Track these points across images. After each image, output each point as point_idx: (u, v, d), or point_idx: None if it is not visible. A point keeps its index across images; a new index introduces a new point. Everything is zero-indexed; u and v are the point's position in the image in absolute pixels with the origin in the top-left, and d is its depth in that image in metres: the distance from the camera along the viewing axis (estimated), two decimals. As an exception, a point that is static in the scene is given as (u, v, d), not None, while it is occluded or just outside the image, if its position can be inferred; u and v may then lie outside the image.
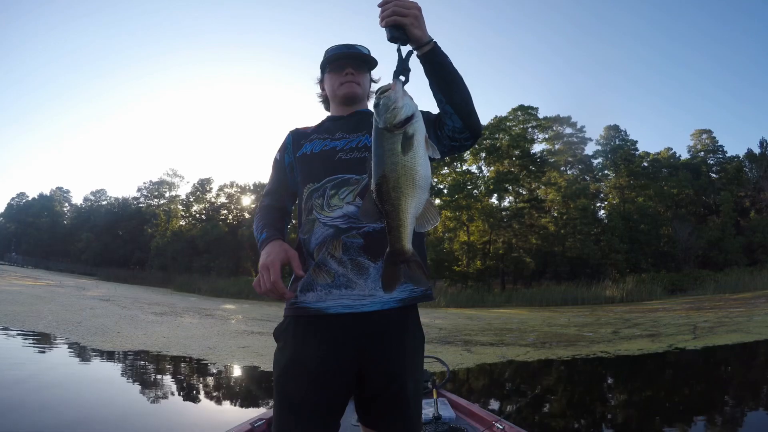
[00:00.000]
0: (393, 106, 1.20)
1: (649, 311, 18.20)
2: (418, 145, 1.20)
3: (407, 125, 1.19)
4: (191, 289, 36.42)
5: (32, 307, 13.73)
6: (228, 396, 6.18)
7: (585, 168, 43.07)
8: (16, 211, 76.51)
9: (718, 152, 44.71)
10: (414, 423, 1.61)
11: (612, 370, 8.11)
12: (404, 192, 1.17)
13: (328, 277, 1.55)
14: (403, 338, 1.60)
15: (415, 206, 1.18)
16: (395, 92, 1.22)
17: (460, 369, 7.74)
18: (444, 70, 1.54)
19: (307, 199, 1.65)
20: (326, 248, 1.57)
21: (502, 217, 38.13)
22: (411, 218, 1.18)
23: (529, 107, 41.64)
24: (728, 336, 10.06)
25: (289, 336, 1.61)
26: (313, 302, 1.57)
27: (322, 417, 1.51)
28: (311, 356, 1.53)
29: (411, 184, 1.17)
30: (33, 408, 4.86)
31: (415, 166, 1.18)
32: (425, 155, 1.21)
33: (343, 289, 1.53)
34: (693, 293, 26.48)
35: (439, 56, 1.52)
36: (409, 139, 1.18)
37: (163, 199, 57.81)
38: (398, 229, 1.18)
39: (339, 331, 1.54)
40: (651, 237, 36.37)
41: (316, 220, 1.60)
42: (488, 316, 19.46)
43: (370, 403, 1.59)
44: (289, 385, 1.54)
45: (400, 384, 1.56)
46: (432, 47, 1.50)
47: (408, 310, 1.63)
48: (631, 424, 5.19)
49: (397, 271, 1.24)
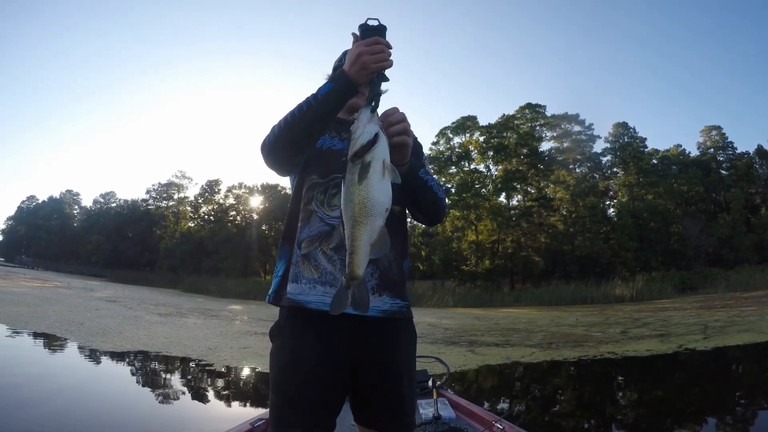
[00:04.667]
0: (352, 137, 1.27)
1: (659, 310, 17.98)
2: (374, 173, 1.24)
3: (365, 154, 1.25)
4: (199, 290, 36.50)
5: (37, 308, 13.74)
6: (227, 396, 6.14)
7: (594, 166, 42.71)
8: (27, 214, 77.19)
9: (727, 149, 44.19)
10: (410, 419, 1.64)
11: (619, 371, 7.92)
12: (357, 220, 1.23)
13: (316, 272, 1.55)
14: (397, 335, 1.61)
15: (369, 234, 1.23)
16: (357, 122, 1.29)
17: (462, 371, 7.62)
18: (416, 188, 1.62)
19: (308, 190, 1.64)
20: (319, 243, 1.57)
21: (511, 216, 38.03)
22: (364, 245, 1.23)
23: (537, 105, 41.58)
24: (740, 336, 9.85)
25: (284, 335, 1.60)
26: (295, 294, 1.56)
27: (318, 414, 1.50)
28: (306, 355, 1.52)
29: (364, 213, 1.23)
30: (27, 408, 4.80)
31: (369, 194, 1.23)
32: (382, 181, 1.25)
33: (327, 286, 1.53)
34: (703, 292, 26.17)
35: (412, 176, 1.58)
36: (366, 167, 1.24)
37: (171, 200, 58.17)
38: (351, 255, 1.24)
39: (329, 332, 1.53)
40: (661, 235, 36.05)
41: (314, 213, 1.60)
42: (496, 316, 19.32)
43: (365, 401, 1.59)
44: (285, 383, 1.53)
45: (395, 381, 1.57)
46: (408, 164, 1.53)
47: (390, 320, 1.61)
48: (635, 427, 5.04)
49: (347, 294, 1.27)
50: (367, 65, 1.35)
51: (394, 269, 1.62)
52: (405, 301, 1.64)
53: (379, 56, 1.36)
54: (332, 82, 1.44)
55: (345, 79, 1.40)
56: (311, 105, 1.45)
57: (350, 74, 1.39)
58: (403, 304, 1.64)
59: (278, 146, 1.53)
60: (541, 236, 37.17)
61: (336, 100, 1.43)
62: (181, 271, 46.67)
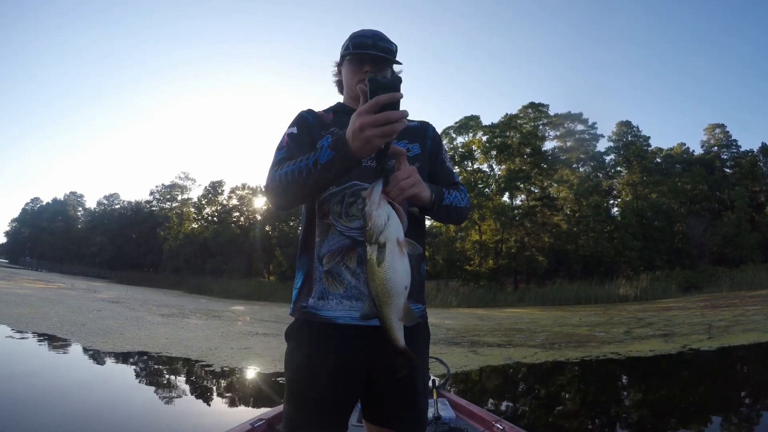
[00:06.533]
0: (368, 224, 1.28)
1: (663, 310, 17.88)
2: (390, 253, 1.27)
3: (380, 237, 1.27)
4: (203, 291, 36.57)
5: (39, 309, 13.75)
6: (227, 396, 6.09)
7: (597, 165, 42.54)
8: (31, 216, 77.61)
9: (731, 147, 43.96)
10: (423, 417, 1.66)
11: (621, 372, 7.83)
12: (382, 300, 1.27)
13: (341, 287, 1.55)
14: (414, 336, 1.56)
15: (395, 312, 1.28)
16: (370, 203, 1.29)
17: (463, 371, 7.56)
18: (440, 215, 1.63)
19: (324, 202, 1.59)
20: (341, 258, 1.55)
21: (514, 216, 37.97)
22: (394, 322, 1.29)
23: (540, 104, 41.48)
24: (744, 335, 9.77)
25: (302, 337, 1.60)
26: (323, 310, 1.56)
27: (335, 414, 1.53)
28: (324, 356, 1.53)
29: (386, 294, 1.27)
30: (26, 408, 4.77)
31: (387, 276, 1.26)
32: (399, 260, 1.28)
33: (353, 300, 1.53)
34: (708, 291, 26.01)
35: (437, 209, 1.58)
36: (382, 249, 1.27)
37: (175, 202, 58.44)
38: (386, 332, 1.30)
39: (350, 338, 1.54)
40: (665, 234, 35.90)
41: (332, 227, 1.57)
42: (499, 316, 19.27)
43: (380, 399, 1.60)
44: (302, 384, 1.54)
45: (411, 379, 1.58)
46: (432, 202, 1.54)
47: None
48: (638, 427, 4.98)
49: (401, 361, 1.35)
50: (372, 140, 1.23)
51: (415, 274, 1.55)
52: (423, 304, 1.67)
53: (384, 130, 1.21)
54: (333, 149, 1.31)
55: (346, 151, 1.28)
56: (311, 173, 1.36)
57: (352, 148, 1.26)
58: (422, 307, 1.66)
59: (280, 201, 1.52)
60: (544, 236, 37.05)
61: (337, 172, 1.35)
62: (184, 272, 46.85)
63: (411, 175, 1.39)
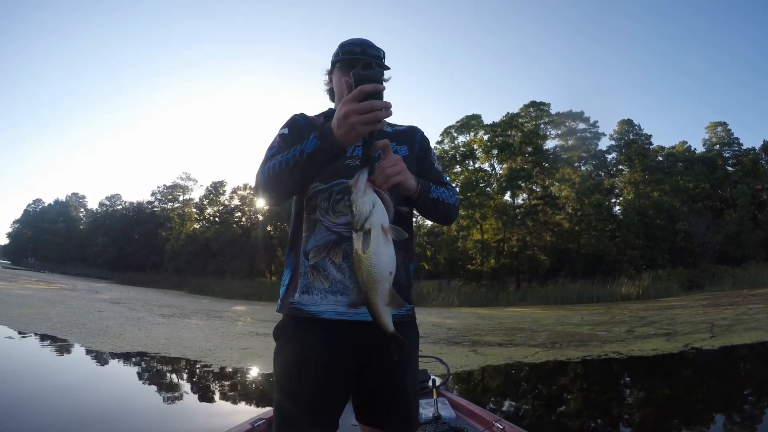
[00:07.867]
0: (354, 210, 1.30)
1: (666, 308, 17.81)
2: (374, 239, 1.29)
3: (365, 223, 1.29)
4: (205, 292, 36.61)
5: (40, 309, 13.76)
6: (227, 396, 6.08)
7: (599, 164, 42.43)
8: (33, 217, 77.73)
9: (733, 145, 43.87)
10: (413, 416, 1.66)
11: (623, 371, 7.79)
12: (369, 287, 1.29)
13: (326, 282, 1.56)
14: (403, 334, 1.54)
15: (381, 298, 1.30)
16: (356, 191, 1.31)
17: (464, 371, 7.52)
18: (427, 207, 1.64)
19: (311, 198, 1.62)
20: (327, 253, 1.57)
21: (516, 215, 37.86)
22: (381, 308, 1.31)
23: (541, 103, 41.34)
24: (747, 334, 9.71)
25: (289, 333, 1.62)
26: (308, 304, 1.57)
27: (324, 413, 1.53)
28: (313, 354, 1.54)
29: (371, 280, 1.29)
30: (25, 408, 4.77)
31: (373, 262, 1.28)
32: (384, 246, 1.30)
33: (338, 295, 1.54)
34: (710, 289, 25.87)
35: (424, 201, 1.60)
36: (367, 235, 1.29)
37: (177, 202, 58.46)
38: (374, 319, 1.33)
39: (336, 334, 1.55)
40: (667, 232, 35.77)
41: (319, 222, 1.60)
42: (501, 316, 19.23)
43: (370, 399, 1.61)
44: (291, 383, 1.56)
45: (400, 378, 1.59)
46: (419, 193, 1.56)
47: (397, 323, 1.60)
48: (640, 427, 4.94)
49: (393, 347, 1.35)
50: (356, 127, 1.25)
51: (402, 273, 1.60)
52: (410, 303, 1.68)
53: (368, 117, 1.24)
54: (318, 139, 1.33)
55: (331, 140, 1.31)
56: (298, 163, 1.38)
57: (337, 136, 1.29)
58: (410, 307, 1.68)
59: (268, 194, 1.52)
60: (546, 235, 36.97)
61: (322, 161, 1.36)
62: (186, 272, 46.90)
63: (396, 164, 1.42)
